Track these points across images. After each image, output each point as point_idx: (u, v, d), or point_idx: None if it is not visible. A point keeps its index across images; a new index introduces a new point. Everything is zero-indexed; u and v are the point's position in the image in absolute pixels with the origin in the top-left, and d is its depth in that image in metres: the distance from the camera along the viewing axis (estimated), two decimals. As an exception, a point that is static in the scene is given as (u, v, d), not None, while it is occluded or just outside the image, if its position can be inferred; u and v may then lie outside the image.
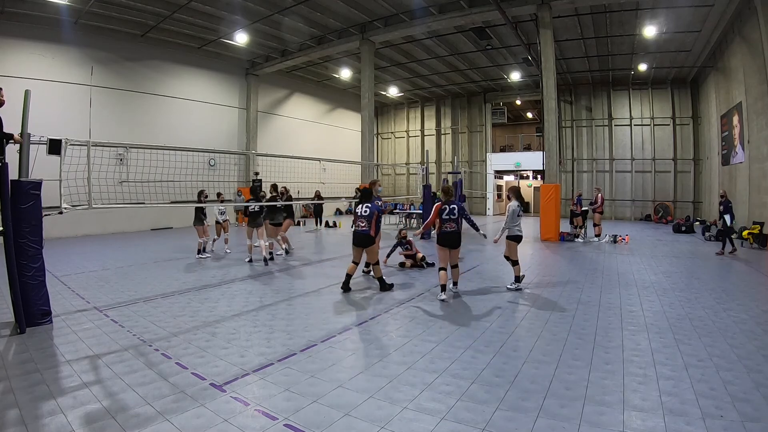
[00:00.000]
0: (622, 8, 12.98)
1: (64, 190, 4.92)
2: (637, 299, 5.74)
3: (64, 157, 4.88)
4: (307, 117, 22.86)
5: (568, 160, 21.90)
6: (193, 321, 4.81)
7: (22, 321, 4.33)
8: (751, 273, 7.72)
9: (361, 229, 6.12)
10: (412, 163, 26.00)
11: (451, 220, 5.90)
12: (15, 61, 12.50)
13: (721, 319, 4.77)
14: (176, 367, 3.52)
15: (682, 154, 19.89)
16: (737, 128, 13.33)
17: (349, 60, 18.97)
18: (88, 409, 2.80)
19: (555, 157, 12.79)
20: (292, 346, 4.00)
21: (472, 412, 2.80)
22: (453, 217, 5.90)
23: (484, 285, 6.66)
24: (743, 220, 12.52)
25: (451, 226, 5.89)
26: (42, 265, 4.62)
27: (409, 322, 4.77)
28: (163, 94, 16.47)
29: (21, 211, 4.44)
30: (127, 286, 6.58)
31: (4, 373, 3.36)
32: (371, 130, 16.22)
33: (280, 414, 2.77)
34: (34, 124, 4.73)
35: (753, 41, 11.28)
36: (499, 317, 4.94)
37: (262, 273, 7.69)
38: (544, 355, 3.76)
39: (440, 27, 14.54)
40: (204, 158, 15.42)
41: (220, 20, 14.47)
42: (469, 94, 24.65)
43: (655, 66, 18.02)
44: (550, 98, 12.58)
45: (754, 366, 3.47)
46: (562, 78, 19.74)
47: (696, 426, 2.59)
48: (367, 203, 6.29)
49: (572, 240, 12.22)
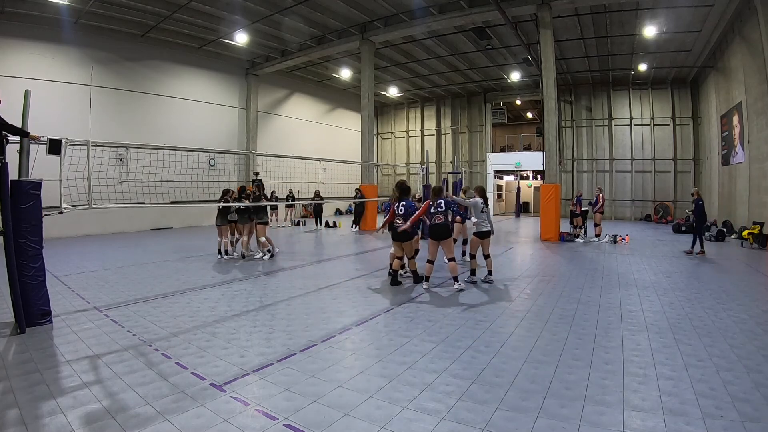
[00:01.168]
0: (622, 8, 12.97)
1: (64, 190, 4.93)
2: (637, 299, 5.74)
3: (64, 157, 4.88)
4: (307, 117, 22.86)
5: (568, 160, 21.90)
6: (193, 321, 4.81)
7: (22, 321, 4.33)
8: (751, 273, 7.72)
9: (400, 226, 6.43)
10: (412, 163, 26.00)
11: (438, 212, 6.28)
12: (15, 61, 12.49)
13: (721, 319, 4.77)
14: (176, 367, 3.52)
15: (682, 154, 19.89)
16: (737, 128, 13.33)
17: (349, 60, 18.97)
18: (88, 409, 2.80)
19: (555, 157, 12.78)
20: (292, 346, 4.00)
21: (472, 412, 2.80)
22: (441, 210, 6.28)
23: (485, 285, 6.66)
24: (743, 220, 12.52)
25: (439, 219, 6.24)
26: (42, 265, 4.62)
27: (409, 322, 4.77)
28: (163, 94, 16.46)
29: (21, 211, 4.44)
30: (127, 286, 6.58)
31: (4, 373, 3.36)
32: (371, 130, 16.21)
33: (280, 414, 2.77)
34: (34, 124, 4.74)
35: (753, 41, 11.28)
36: (499, 317, 4.94)
37: (262, 273, 7.70)
38: (544, 355, 3.76)
39: (440, 27, 14.53)
40: (204, 158, 15.42)
41: (220, 20, 14.46)
42: (469, 94, 24.65)
43: (655, 66, 18.02)
44: (550, 98, 12.58)
45: (754, 366, 3.47)
46: (562, 78, 19.73)
47: (696, 426, 2.59)
48: (403, 201, 6.55)
49: (572, 240, 12.22)
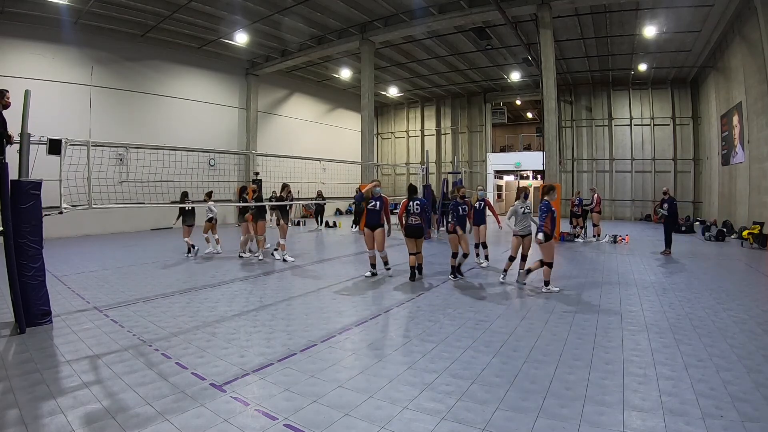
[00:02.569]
0: (622, 8, 12.97)
1: (64, 190, 4.93)
2: (637, 299, 5.74)
3: (64, 157, 4.88)
4: (307, 117, 22.86)
5: (568, 160, 21.90)
6: (193, 321, 4.81)
7: (22, 321, 4.33)
8: (751, 273, 7.72)
9: (416, 223, 6.80)
10: (412, 163, 26.00)
11: (415, 213, 6.76)
12: (15, 61, 12.49)
13: (721, 319, 4.77)
14: (176, 367, 3.52)
15: (682, 154, 19.89)
16: (737, 128, 13.33)
17: (349, 60, 18.97)
18: (88, 409, 2.80)
19: (555, 157, 12.78)
20: (292, 346, 4.00)
21: (472, 412, 2.80)
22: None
23: (484, 284, 6.67)
24: (743, 220, 12.52)
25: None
26: (42, 265, 4.62)
27: (409, 322, 4.77)
28: (163, 94, 16.46)
29: (21, 211, 4.44)
30: (127, 286, 6.58)
31: (4, 373, 3.36)
32: (371, 130, 16.21)
33: (280, 414, 2.77)
34: (34, 124, 4.73)
35: (753, 41, 11.28)
36: (499, 317, 4.94)
37: (262, 273, 7.70)
38: (544, 355, 3.76)
39: (440, 27, 14.53)
40: (204, 158, 15.39)
41: (220, 20, 14.46)
42: (469, 94, 24.65)
43: (655, 66, 18.02)
44: (550, 98, 12.58)
45: (754, 366, 3.47)
46: (562, 78, 19.73)
47: (696, 426, 2.59)
48: (416, 201, 6.85)
49: (572, 240, 12.22)
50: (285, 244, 9.02)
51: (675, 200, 9.57)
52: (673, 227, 9.72)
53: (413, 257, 6.85)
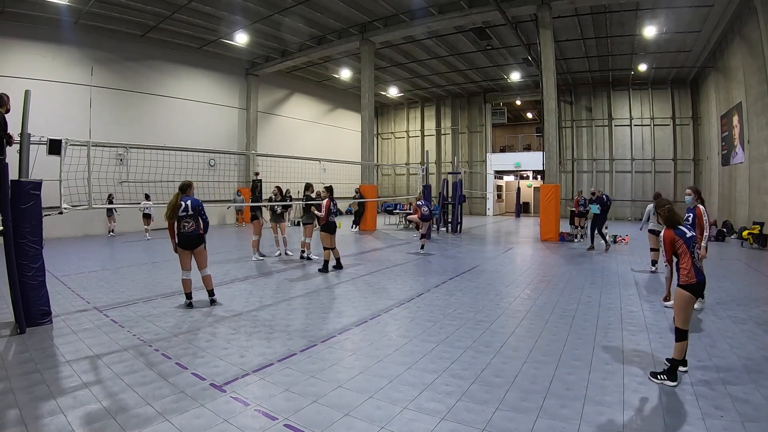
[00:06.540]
0: (622, 8, 12.98)
1: (64, 190, 4.93)
2: (637, 299, 5.74)
3: (64, 157, 4.88)
4: (307, 117, 22.86)
5: (568, 161, 21.90)
6: (193, 321, 4.81)
7: (22, 321, 4.33)
8: (751, 273, 7.72)
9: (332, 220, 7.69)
10: (412, 164, 26.02)
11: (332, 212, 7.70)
12: (15, 61, 12.49)
13: (721, 319, 4.78)
14: (176, 367, 3.52)
15: (682, 155, 19.90)
16: (737, 128, 13.33)
17: (349, 60, 18.97)
18: (88, 409, 2.80)
19: (555, 157, 12.78)
20: (292, 346, 4.00)
21: (472, 412, 2.80)
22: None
23: (485, 284, 6.67)
24: (743, 221, 12.51)
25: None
26: (42, 265, 4.62)
27: (409, 322, 4.77)
28: (163, 94, 16.47)
29: (21, 211, 4.44)
30: (127, 286, 6.58)
31: (4, 373, 3.36)
32: (371, 130, 16.21)
33: (280, 414, 2.77)
34: (34, 124, 4.74)
35: (753, 41, 11.28)
36: (499, 317, 4.94)
37: (262, 273, 7.70)
38: (544, 355, 3.76)
39: (440, 27, 14.54)
40: (204, 158, 15.41)
41: (220, 20, 14.47)
42: (469, 94, 24.66)
43: (655, 66, 18.03)
44: (550, 98, 12.58)
45: (754, 366, 3.47)
46: (562, 78, 19.74)
47: (696, 426, 2.59)
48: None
49: (572, 240, 12.22)
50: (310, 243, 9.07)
51: (608, 201, 10.22)
52: (601, 225, 10.27)
53: (328, 251, 7.66)
